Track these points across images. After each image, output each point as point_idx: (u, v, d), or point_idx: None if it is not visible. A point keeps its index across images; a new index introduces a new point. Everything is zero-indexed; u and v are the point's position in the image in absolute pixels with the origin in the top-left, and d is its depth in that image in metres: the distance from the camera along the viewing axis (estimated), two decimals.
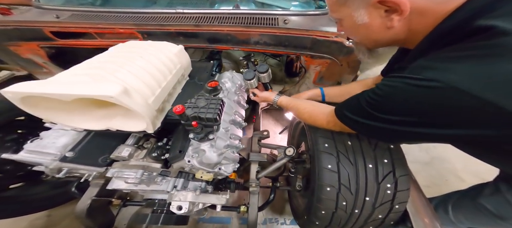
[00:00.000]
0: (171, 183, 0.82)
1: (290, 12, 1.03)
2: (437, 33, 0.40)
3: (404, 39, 0.47)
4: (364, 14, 0.45)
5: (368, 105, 0.46)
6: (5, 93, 0.47)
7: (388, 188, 0.64)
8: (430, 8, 0.39)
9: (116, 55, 0.64)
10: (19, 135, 1.03)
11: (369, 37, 0.51)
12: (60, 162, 0.68)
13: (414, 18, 0.41)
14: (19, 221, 1.18)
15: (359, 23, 0.47)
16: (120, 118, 0.58)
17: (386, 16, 0.43)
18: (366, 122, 0.48)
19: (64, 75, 0.52)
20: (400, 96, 0.41)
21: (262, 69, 0.90)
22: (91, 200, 0.86)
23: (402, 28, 0.44)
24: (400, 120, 0.42)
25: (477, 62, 0.34)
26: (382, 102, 0.44)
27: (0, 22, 1.01)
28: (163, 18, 1.00)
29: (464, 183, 1.46)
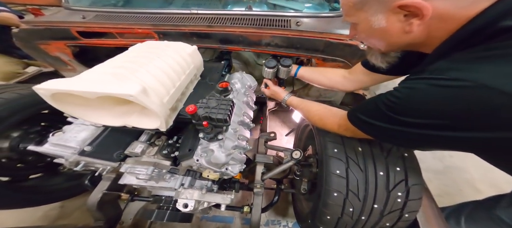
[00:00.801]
0: (179, 181, 0.84)
1: (302, 14, 1.02)
2: (458, 37, 0.39)
3: (421, 43, 0.46)
4: (382, 19, 0.45)
5: (387, 108, 0.44)
6: (38, 89, 0.51)
7: (399, 196, 0.63)
8: (452, 14, 0.38)
9: (136, 55, 0.67)
10: (42, 128, 1.08)
11: (385, 41, 0.50)
12: (78, 156, 0.71)
13: (434, 23, 0.40)
14: (35, 211, 1.24)
15: (376, 27, 0.47)
16: (137, 115, 0.61)
17: (405, 20, 0.42)
18: (383, 126, 0.46)
19: (89, 73, 0.55)
20: (423, 97, 0.39)
21: (285, 62, 0.90)
22: (102, 193, 0.90)
23: (421, 32, 0.43)
24: (422, 123, 0.40)
25: (505, 61, 0.33)
26: (403, 104, 0.42)
27: (33, 23, 1.09)
28: (178, 18, 1.03)
29: (480, 194, 1.42)
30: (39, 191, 1.13)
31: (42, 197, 1.13)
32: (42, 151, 0.74)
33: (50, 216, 1.26)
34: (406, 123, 0.42)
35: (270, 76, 0.95)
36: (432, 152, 1.66)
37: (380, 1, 0.43)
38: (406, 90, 0.42)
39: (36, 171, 1.16)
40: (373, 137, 0.53)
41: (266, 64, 0.92)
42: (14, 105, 0.93)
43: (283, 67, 0.91)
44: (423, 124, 0.40)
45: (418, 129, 0.42)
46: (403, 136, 0.45)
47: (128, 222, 1.21)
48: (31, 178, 1.15)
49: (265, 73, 0.95)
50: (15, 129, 1.00)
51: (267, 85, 0.98)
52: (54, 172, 1.20)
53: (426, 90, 0.39)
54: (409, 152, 0.67)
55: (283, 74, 0.94)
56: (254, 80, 1.03)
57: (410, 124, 0.42)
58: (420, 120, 0.40)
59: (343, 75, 0.86)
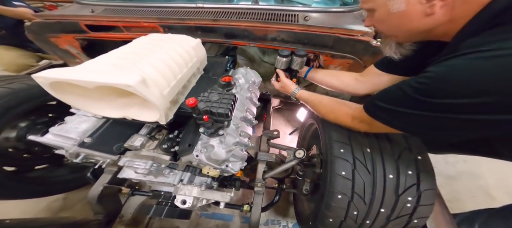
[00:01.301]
0: (178, 177, 0.82)
1: (311, 9, 0.99)
2: (485, 16, 0.36)
3: (442, 29, 0.43)
4: (402, 2, 0.43)
5: (415, 91, 0.40)
6: (36, 78, 0.50)
7: (409, 201, 0.59)
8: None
9: (139, 46, 0.66)
10: (49, 119, 1.10)
11: (404, 27, 0.47)
12: (78, 147, 0.71)
13: (458, 5, 0.38)
14: (38, 202, 1.26)
15: (394, 11, 0.44)
16: (137, 107, 0.60)
17: (426, 2, 0.40)
18: (409, 112, 0.42)
19: (90, 63, 0.55)
20: (461, 74, 0.34)
21: (299, 52, 0.85)
22: (103, 186, 0.90)
23: (443, 16, 0.40)
24: (460, 103, 0.35)
25: None
26: (436, 85, 0.37)
27: (45, 16, 1.12)
28: (183, 12, 1.02)
29: (495, 201, 1.35)
30: (44, 182, 1.15)
31: (46, 188, 1.15)
32: (43, 141, 0.74)
33: (53, 207, 1.28)
34: (439, 106, 0.37)
35: (284, 66, 0.88)
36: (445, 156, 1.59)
37: None
38: (440, 69, 0.37)
39: (41, 162, 1.18)
40: (394, 127, 0.48)
41: (280, 53, 0.86)
42: (22, 95, 0.94)
43: (298, 57, 0.84)
44: (461, 105, 0.35)
45: (454, 113, 0.36)
46: (433, 123, 0.40)
47: (128, 217, 1.21)
48: (36, 169, 1.16)
49: (278, 62, 0.89)
50: (23, 119, 1.01)
51: (278, 76, 0.92)
52: (59, 163, 1.22)
53: (465, 66, 0.34)
54: (423, 155, 0.62)
55: (297, 65, 0.87)
56: (259, 76, 1.01)
57: (445, 108, 0.37)
58: (458, 100, 0.35)
59: (355, 77, 0.81)
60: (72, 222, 0.91)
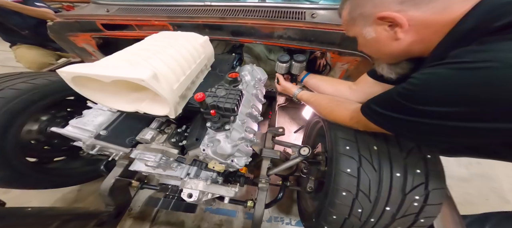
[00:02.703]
0: (185, 170, 0.85)
1: (318, 6, 0.98)
2: (452, 38, 0.39)
3: (420, 49, 0.46)
4: (371, 31, 0.48)
5: (402, 97, 0.41)
6: (61, 72, 0.55)
7: (416, 200, 0.58)
8: (431, 19, 0.40)
9: (151, 43, 0.69)
10: (68, 113, 1.17)
11: (382, 51, 0.52)
12: (94, 140, 0.75)
13: (421, 30, 0.42)
14: (54, 193, 1.33)
15: (369, 38, 0.50)
16: (148, 102, 0.63)
17: (390, 30, 0.45)
18: (397, 116, 0.44)
19: (107, 59, 0.59)
20: (443, 82, 0.36)
21: (298, 58, 0.89)
22: (115, 179, 0.94)
23: (412, 38, 0.44)
24: (443, 111, 0.36)
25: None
26: (421, 92, 0.39)
27: (65, 16, 1.19)
28: (192, 10, 1.05)
29: (509, 205, 1.29)
30: (61, 174, 1.21)
31: (63, 180, 1.21)
32: (63, 133, 0.79)
33: (68, 198, 1.35)
34: (423, 112, 0.39)
35: (283, 71, 0.94)
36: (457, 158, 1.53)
37: (364, 16, 0.48)
38: (425, 76, 0.39)
39: (60, 154, 1.25)
40: (385, 129, 0.50)
41: (280, 58, 0.91)
42: (45, 90, 1.00)
43: (297, 63, 0.89)
44: (443, 113, 0.36)
45: (437, 119, 0.38)
46: (417, 128, 0.41)
47: (137, 210, 1.26)
48: (55, 160, 1.24)
49: (278, 68, 0.94)
50: (44, 113, 1.08)
51: (279, 80, 0.98)
52: (75, 156, 1.29)
53: (447, 75, 0.35)
54: (433, 154, 0.61)
55: (296, 69, 0.92)
56: (265, 73, 1.02)
57: (428, 114, 0.38)
58: (440, 108, 0.36)
59: (349, 86, 0.82)
60: (85, 212, 0.96)
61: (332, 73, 1.08)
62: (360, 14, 0.48)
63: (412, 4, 0.40)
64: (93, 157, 1.36)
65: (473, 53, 0.34)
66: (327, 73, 1.11)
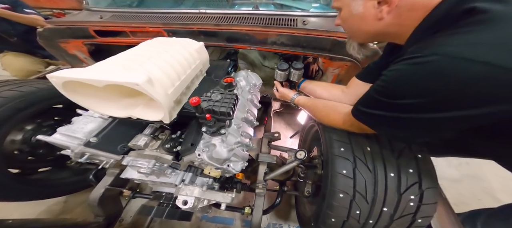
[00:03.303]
0: (180, 177, 0.83)
1: (310, 14, 1.03)
2: (428, 23, 0.42)
3: (394, 32, 0.49)
4: (360, 4, 0.49)
5: (377, 93, 0.46)
6: (51, 77, 0.53)
7: (411, 200, 0.59)
8: (418, 2, 0.42)
9: (145, 48, 0.69)
10: (55, 122, 1.12)
11: (361, 28, 0.54)
12: (84, 147, 0.72)
13: (404, 12, 0.44)
14: (39, 205, 1.26)
15: (355, 12, 0.51)
16: (141, 107, 0.62)
17: (378, 7, 0.47)
18: (377, 113, 0.47)
19: (100, 64, 0.58)
20: (405, 77, 0.41)
21: (296, 66, 0.93)
22: (105, 188, 0.90)
23: (392, 20, 0.47)
24: (409, 103, 0.40)
25: (466, 33, 0.35)
26: (390, 87, 0.44)
27: (56, 22, 1.17)
28: (187, 17, 1.07)
29: (500, 203, 1.32)
30: (46, 185, 1.15)
31: (48, 191, 1.15)
32: (51, 141, 0.76)
33: (53, 210, 1.27)
34: (395, 106, 0.43)
35: (282, 78, 0.97)
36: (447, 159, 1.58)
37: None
38: (390, 73, 0.43)
39: (45, 164, 1.19)
40: (371, 127, 0.53)
41: (279, 67, 0.95)
42: (31, 97, 0.97)
43: (295, 70, 0.93)
44: (410, 105, 0.40)
45: (406, 112, 0.42)
46: (394, 123, 0.45)
47: (128, 220, 1.20)
48: (39, 171, 1.17)
49: (277, 75, 0.98)
50: (30, 122, 1.03)
51: (277, 87, 1.01)
52: (62, 166, 1.23)
53: (407, 70, 0.40)
54: (423, 153, 0.63)
55: (294, 77, 0.96)
56: (259, 79, 1.03)
57: (399, 107, 0.42)
58: (407, 100, 0.40)
59: (342, 90, 0.86)
60: (72, 224, 0.91)
61: (324, 78, 1.11)
62: None
63: None
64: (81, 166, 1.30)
65: (423, 48, 0.38)
66: (320, 78, 1.15)
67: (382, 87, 0.45)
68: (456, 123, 0.40)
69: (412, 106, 0.40)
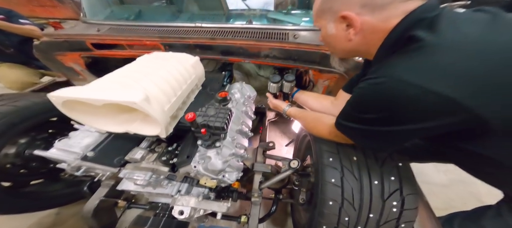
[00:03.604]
0: (176, 187, 0.85)
1: (300, 28, 1.08)
2: (387, 44, 0.49)
3: (364, 50, 0.56)
4: (333, 27, 0.55)
5: (350, 107, 0.53)
6: (51, 97, 0.55)
7: (394, 205, 0.63)
8: (377, 26, 0.48)
9: (142, 65, 0.72)
10: (49, 135, 1.12)
11: (336, 46, 0.60)
12: (81, 161, 0.74)
13: (368, 34, 0.51)
14: (29, 218, 1.23)
15: (329, 33, 0.57)
16: (139, 122, 0.64)
17: (346, 30, 0.53)
18: (352, 126, 0.54)
19: (98, 82, 0.60)
20: (364, 95, 0.48)
21: (288, 78, 0.97)
22: (99, 200, 0.90)
23: (360, 41, 0.53)
24: (372, 118, 0.47)
25: (406, 58, 0.42)
26: (357, 103, 0.51)
27: (53, 35, 1.18)
28: (183, 31, 1.11)
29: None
30: (39, 197, 1.14)
31: (40, 203, 1.13)
32: (48, 156, 0.76)
33: (45, 223, 1.24)
34: (363, 120, 0.50)
35: (275, 90, 1.02)
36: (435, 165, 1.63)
37: (332, 11, 0.53)
38: (357, 90, 0.50)
39: (37, 177, 1.18)
40: (350, 138, 0.58)
41: (271, 79, 0.99)
42: (26, 112, 0.97)
43: (287, 82, 0.98)
44: (373, 119, 0.47)
45: (370, 125, 0.49)
46: (366, 134, 0.52)
47: None
48: (31, 184, 1.16)
49: (270, 87, 1.02)
50: (24, 136, 1.03)
51: (270, 99, 1.06)
52: (55, 178, 1.21)
53: (366, 89, 0.47)
54: (404, 162, 0.67)
55: (286, 88, 1.00)
56: (254, 91, 1.07)
57: (366, 121, 0.49)
58: (370, 115, 0.48)
59: (331, 101, 0.91)
60: None
61: (315, 89, 1.16)
62: (330, 7, 0.53)
63: (369, 10, 0.47)
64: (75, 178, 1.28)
65: (378, 69, 0.45)
66: (311, 89, 1.20)
67: (352, 103, 0.52)
68: (411, 134, 0.47)
69: (375, 120, 0.47)
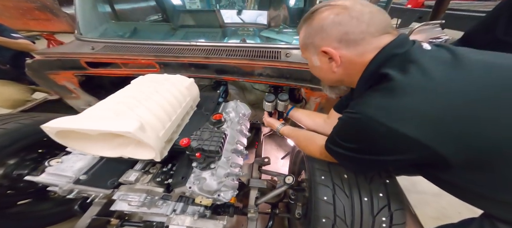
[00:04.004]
0: (171, 207, 0.84)
1: (292, 46, 1.13)
2: (365, 76, 0.53)
3: (347, 80, 0.60)
4: (317, 60, 0.59)
5: (335, 133, 0.58)
6: (45, 128, 0.55)
7: (384, 221, 0.66)
8: (354, 60, 0.53)
9: (136, 89, 0.73)
10: (39, 155, 1.09)
11: (323, 77, 0.65)
12: (73, 184, 0.73)
13: (347, 66, 0.55)
14: None
15: (315, 65, 0.61)
16: (133, 147, 0.64)
17: (329, 63, 0.56)
18: (338, 150, 0.58)
19: (92, 110, 0.60)
20: (345, 126, 0.54)
21: (282, 97, 1.01)
22: (91, 219, 0.88)
23: (342, 72, 0.57)
24: (352, 147, 0.52)
25: (378, 97, 0.46)
26: (339, 131, 0.56)
27: (46, 54, 1.16)
28: (178, 50, 1.12)
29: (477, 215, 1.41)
30: (26, 217, 1.10)
31: (28, 224, 1.09)
32: (39, 181, 0.75)
33: None
34: (345, 147, 0.54)
35: (270, 108, 1.05)
36: None
37: (313, 45, 0.57)
38: (339, 121, 0.56)
39: (25, 197, 1.14)
40: (337, 160, 0.62)
41: (266, 98, 1.03)
42: (16, 134, 0.95)
43: (281, 101, 1.01)
44: (352, 148, 0.52)
45: (351, 152, 0.53)
46: (351, 159, 0.55)
47: None
48: (18, 204, 1.12)
49: (265, 106, 1.05)
50: (12, 157, 1.00)
51: (264, 117, 1.09)
52: (43, 197, 1.18)
53: (345, 121, 0.52)
54: (391, 178, 0.71)
55: (281, 107, 1.03)
56: (248, 109, 1.09)
57: (347, 148, 0.54)
58: (349, 144, 0.52)
59: (324, 119, 0.94)
60: None
61: (307, 106, 1.20)
62: (311, 42, 0.57)
63: (345, 45, 0.52)
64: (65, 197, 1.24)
65: (355, 104, 0.50)
66: (303, 106, 1.23)
67: (336, 131, 0.57)
68: (387, 163, 0.53)
69: (354, 149, 0.52)
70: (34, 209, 1.15)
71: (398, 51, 0.47)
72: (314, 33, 0.55)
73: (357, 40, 0.50)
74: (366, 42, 0.50)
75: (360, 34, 0.49)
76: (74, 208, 0.93)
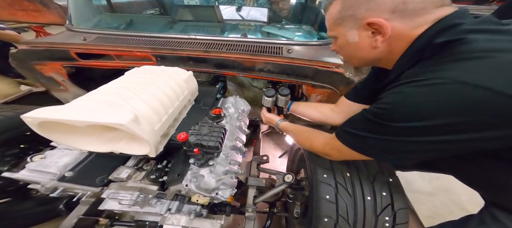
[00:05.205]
0: (166, 206, 0.80)
1: (293, 42, 1.11)
2: (409, 53, 0.47)
3: (386, 59, 0.53)
4: (355, 34, 0.51)
5: (376, 116, 0.46)
6: (25, 118, 0.49)
7: (387, 220, 0.64)
8: (405, 33, 0.46)
9: (131, 80, 0.68)
10: (21, 150, 1.02)
11: (357, 55, 0.56)
12: (57, 182, 0.67)
13: (393, 42, 0.48)
14: None
15: (351, 41, 0.53)
16: (126, 141, 0.60)
17: (372, 37, 0.49)
18: (372, 136, 0.48)
19: (81, 100, 0.55)
20: (410, 99, 0.41)
21: (283, 92, 0.97)
22: (78, 218, 0.82)
23: (384, 48, 0.50)
24: (411, 127, 0.41)
25: (463, 62, 0.37)
26: (394, 109, 0.43)
27: (32, 43, 1.08)
28: (176, 43, 1.08)
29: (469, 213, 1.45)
30: (5, 218, 1.02)
31: (7, 224, 1.02)
32: (18, 177, 0.69)
33: None
34: (398, 129, 0.43)
35: (270, 104, 1.01)
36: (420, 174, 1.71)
37: (354, 18, 0.49)
38: (394, 96, 0.44)
39: (4, 196, 1.06)
40: (359, 151, 0.53)
41: (266, 93, 0.98)
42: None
43: (281, 96, 0.98)
44: (411, 128, 0.41)
45: (400, 136, 0.43)
46: (391, 146, 0.46)
47: None
48: None
49: (264, 101, 1.01)
50: None
51: (263, 112, 1.05)
52: (24, 196, 1.10)
53: (413, 93, 0.41)
54: (394, 177, 0.70)
55: (281, 102, 1.00)
56: (248, 105, 1.06)
57: (395, 130, 0.43)
58: (409, 123, 0.41)
59: (331, 108, 0.90)
60: None
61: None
62: (351, 15, 0.49)
63: (399, 16, 0.44)
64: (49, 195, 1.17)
65: (428, 72, 0.40)
66: None
67: (383, 109, 0.44)
68: (456, 146, 0.40)
69: (412, 129, 0.41)
70: (13, 209, 1.07)
71: (460, 21, 0.41)
72: (359, 3, 0.47)
73: (416, 10, 0.43)
74: (426, 12, 0.43)
75: (421, 2, 0.42)
76: (59, 207, 0.87)
